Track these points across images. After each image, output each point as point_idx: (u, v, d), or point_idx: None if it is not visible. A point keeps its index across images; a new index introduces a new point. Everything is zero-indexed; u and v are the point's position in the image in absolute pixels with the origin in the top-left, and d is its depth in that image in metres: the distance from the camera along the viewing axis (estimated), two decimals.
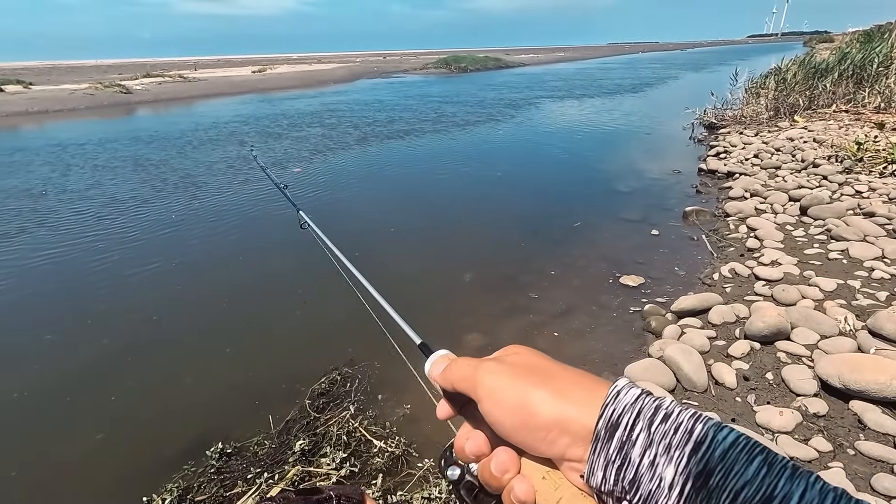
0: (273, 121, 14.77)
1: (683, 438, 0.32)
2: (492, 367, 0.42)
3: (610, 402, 0.36)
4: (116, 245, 5.45)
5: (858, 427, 2.29)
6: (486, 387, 0.41)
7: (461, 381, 0.44)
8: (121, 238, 5.67)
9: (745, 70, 12.33)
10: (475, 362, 0.44)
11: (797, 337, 2.93)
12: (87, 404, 3.08)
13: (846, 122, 8.39)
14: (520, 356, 0.44)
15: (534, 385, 0.39)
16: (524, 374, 0.40)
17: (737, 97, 11.43)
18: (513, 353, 0.45)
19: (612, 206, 6.19)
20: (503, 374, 0.41)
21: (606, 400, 0.36)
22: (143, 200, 7.07)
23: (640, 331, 3.52)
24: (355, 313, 3.94)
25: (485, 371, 0.42)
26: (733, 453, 0.31)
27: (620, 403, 0.35)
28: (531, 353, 0.44)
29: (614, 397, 0.36)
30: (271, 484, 2.34)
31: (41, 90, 22.63)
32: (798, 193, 5.35)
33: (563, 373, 0.40)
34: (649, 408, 0.34)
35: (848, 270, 3.72)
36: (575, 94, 20.46)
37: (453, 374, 0.45)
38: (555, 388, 0.39)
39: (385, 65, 48.99)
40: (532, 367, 0.41)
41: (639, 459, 0.33)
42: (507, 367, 0.42)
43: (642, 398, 0.35)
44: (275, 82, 30.31)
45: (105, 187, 7.81)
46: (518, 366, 0.42)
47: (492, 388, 0.41)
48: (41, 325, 3.94)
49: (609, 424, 0.35)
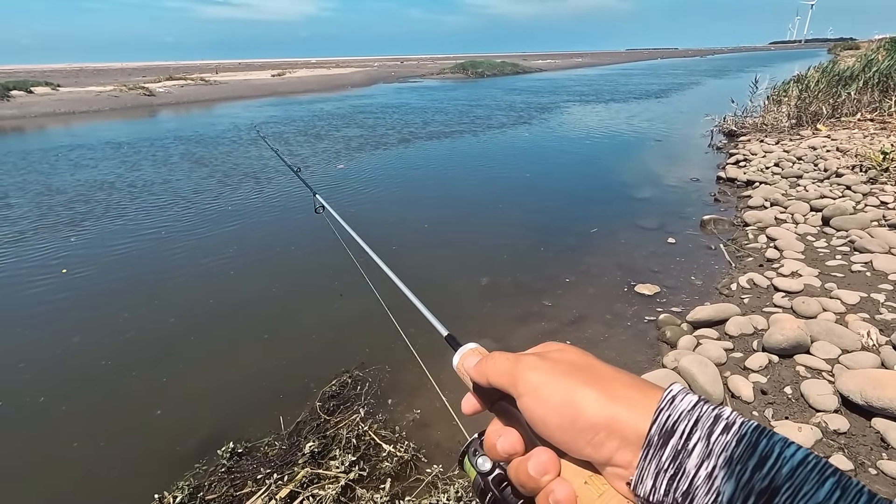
0: (308, 122, 15.17)
1: (747, 452, 0.30)
2: (534, 361, 0.41)
3: (665, 406, 0.34)
4: (177, 236, 5.85)
5: (881, 446, 2.22)
6: (529, 382, 0.39)
7: (498, 375, 0.42)
8: (180, 228, 6.09)
9: (767, 77, 12.14)
10: (514, 356, 0.43)
11: (817, 351, 2.86)
12: (100, 401, 3.13)
13: (871, 131, 8.20)
14: (564, 353, 0.42)
15: (582, 383, 0.37)
16: (570, 372, 0.39)
17: (757, 105, 11.25)
18: (556, 350, 0.43)
19: (628, 213, 6.13)
20: (547, 371, 0.39)
21: (661, 404, 0.34)
22: (203, 193, 7.54)
23: (655, 341, 3.47)
24: (370, 313, 3.98)
25: (527, 366, 0.40)
26: (802, 472, 0.28)
27: (676, 409, 0.33)
28: (576, 350, 0.42)
29: (669, 402, 0.34)
30: (281, 485, 2.35)
31: (68, 92, 23.26)
32: (820, 203, 5.24)
33: (612, 373, 0.39)
34: (708, 416, 0.33)
35: (871, 283, 3.62)
36: (602, 98, 20.59)
37: (489, 367, 0.44)
38: (604, 388, 0.37)
39: (402, 69, 49.34)
40: (578, 365, 0.40)
41: (695, 470, 0.31)
42: (552, 364, 0.40)
43: (700, 405, 0.33)
44: (294, 86, 30.72)
45: (171, 182, 8.34)
46: (563, 362, 0.40)
47: (535, 384, 0.39)
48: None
49: (663, 430, 0.33)
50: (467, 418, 2.69)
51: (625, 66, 58.63)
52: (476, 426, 0.46)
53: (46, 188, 8.09)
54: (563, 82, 31.48)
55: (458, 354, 0.51)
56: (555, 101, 19.61)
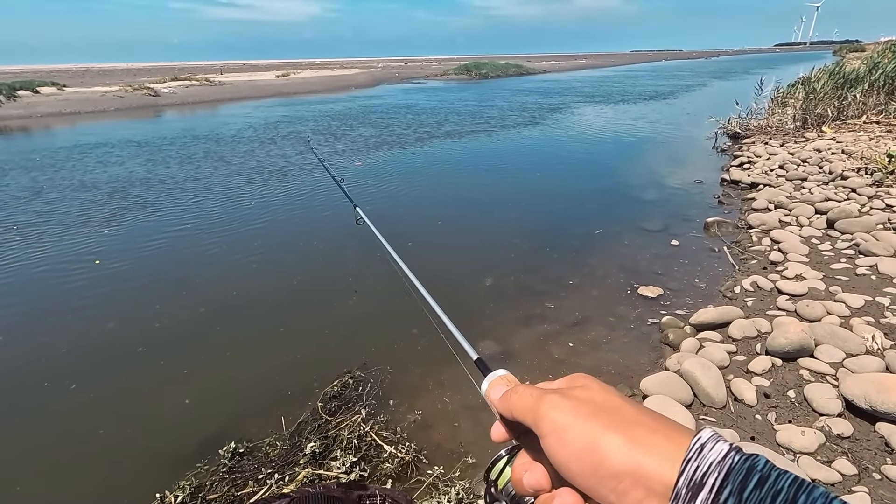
0: (321, 122, 15.41)
1: None
2: (557, 401, 0.39)
3: (693, 456, 0.32)
4: (206, 230, 6.04)
5: (885, 451, 2.21)
6: (551, 422, 0.38)
7: (522, 412, 0.42)
8: (209, 223, 6.32)
9: (772, 79, 12.11)
10: (538, 393, 0.42)
11: (821, 354, 2.84)
12: (103, 397, 3.15)
13: (877, 134, 8.15)
14: (588, 391, 0.40)
15: (606, 427, 0.36)
16: (594, 414, 0.37)
17: (762, 107, 11.21)
18: (580, 386, 0.41)
19: (632, 215, 6.11)
20: (570, 411, 0.38)
21: (689, 454, 0.32)
22: (232, 190, 7.79)
23: (658, 343, 3.46)
24: (372, 314, 3.98)
25: (549, 405, 0.39)
26: None
27: (705, 460, 0.31)
28: (601, 387, 0.41)
29: (697, 452, 0.32)
30: (281, 485, 2.35)
31: (74, 92, 23.40)
32: (825, 206, 5.21)
33: (638, 415, 0.37)
34: (740, 468, 0.30)
35: (877, 287, 3.60)
36: (611, 100, 20.78)
37: (513, 403, 0.43)
38: (629, 434, 0.35)
39: (406, 70, 49.40)
40: (603, 406, 0.38)
41: None
42: (575, 404, 0.39)
43: (731, 456, 0.31)
44: (298, 87, 30.81)
45: (200, 179, 8.56)
46: (587, 402, 0.39)
47: (557, 426, 0.38)
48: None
49: (691, 483, 0.31)
50: (467, 421, 2.68)
51: (629, 67, 58.56)
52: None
53: (80, 184, 8.38)
54: (571, 84, 31.61)
55: (486, 381, 0.51)
56: (564, 102, 19.74)
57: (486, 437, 1.91)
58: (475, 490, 2.34)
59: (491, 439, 0.47)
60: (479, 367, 0.56)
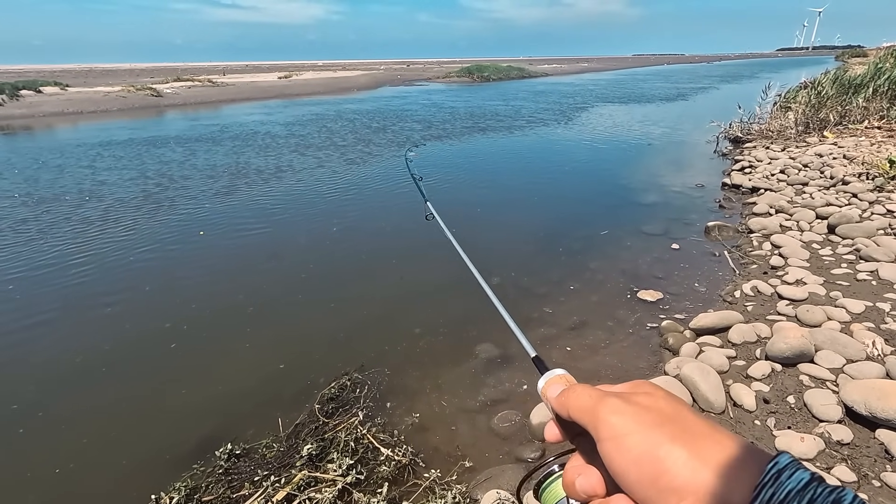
0: (353, 120, 16.05)
1: None
2: (617, 405, 0.38)
3: (769, 482, 0.29)
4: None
5: (885, 457, 2.19)
6: (611, 427, 0.36)
7: (580, 412, 0.40)
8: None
9: (777, 84, 12.14)
10: (597, 394, 0.40)
11: (821, 360, 2.82)
12: (98, 398, 3.14)
13: (878, 139, 8.14)
14: (652, 398, 0.38)
15: (671, 438, 0.34)
16: (658, 423, 0.35)
17: (765, 111, 11.19)
18: (644, 393, 0.39)
19: (633, 219, 6.10)
20: (632, 417, 0.36)
21: (764, 478, 0.29)
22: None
23: (657, 347, 3.45)
24: (371, 315, 3.97)
25: (609, 409, 0.38)
26: None
27: (783, 488, 0.29)
28: (667, 396, 0.39)
29: (774, 478, 0.29)
30: (278, 488, 2.34)
31: (77, 92, 23.48)
32: (826, 211, 5.20)
33: (706, 429, 0.35)
34: (823, 501, 0.27)
35: (877, 292, 3.58)
36: (623, 100, 21.38)
37: (571, 401, 0.42)
38: (695, 447, 0.33)
39: (408, 73, 49.48)
40: (667, 416, 0.36)
41: None
42: (637, 410, 0.37)
43: (814, 486, 0.28)
44: (300, 88, 30.88)
45: (287, 175, 8.93)
46: (651, 410, 0.37)
47: (617, 431, 0.36)
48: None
49: None
50: (464, 425, 2.65)
51: (633, 70, 58.62)
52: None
53: (180, 167, 9.48)
54: (586, 86, 32.29)
55: (543, 379, 0.51)
56: (581, 103, 20.35)
57: (484, 440, 1.92)
58: (472, 494, 2.33)
59: (546, 439, 0.46)
60: (536, 364, 0.56)
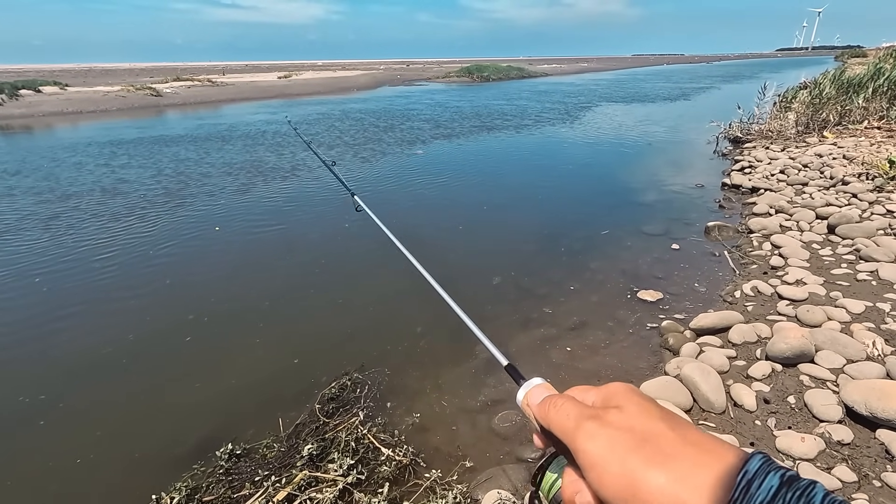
0: (360, 119, 16.21)
1: None
2: (594, 431, 0.38)
3: (739, 496, 0.29)
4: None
5: (886, 458, 2.19)
6: (589, 455, 0.37)
7: (560, 432, 0.41)
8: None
9: (774, 84, 12.14)
10: (575, 414, 0.40)
11: (822, 360, 2.83)
12: (98, 399, 3.14)
13: (878, 139, 8.14)
14: (624, 414, 0.38)
15: (645, 462, 0.34)
16: (634, 448, 0.35)
17: (764, 111, 11.20)
18: (615, 408, 0.39)
19: (633, 219, 6.10)
20: (607, 444, 0.36)
21: (734, 494, 0.30)
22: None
23: (657, 348, 3.45)
24: (370, 314, 3.97)
25: (586, 436, 0.38)
26: None
27: (753, 501, 0.29)
28: (639, 409, 0.39)
29: (744, 491, 0.29)
30: (278, 488, 2.34)
31: (76, 91, 23.45)
32: (826, 211, 5.20)
33: (680, 445, 0.35)
34: None
35: (877, 293, 3.59)
36: (625, 100, 21.56)
37: (552, 419, 0.42)
38: (671, 469, 0.33)
39: (408, 72, 49.46)
40: (642, 436, 0.36)
41: None
42: (612, 434, 0.37)
43: (783, 493, 0.28)
44: (300, 88, 30.85)
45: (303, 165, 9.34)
46: (625, 431, 0.37)
47: (595, 461, 0.36)
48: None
49: None
50: (465, 425, 2.64)
51: (634, 70, 58.61)
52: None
53: (197, 165, 9.75)
54: (587, 85, 32.45)
55: (522, 390, 0.49)
56: (585, 103, 20.51)
57: (484, 440, 1.91)
58: (472, 494, 2.33)
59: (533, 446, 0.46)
60: (510, 373, 0.52)
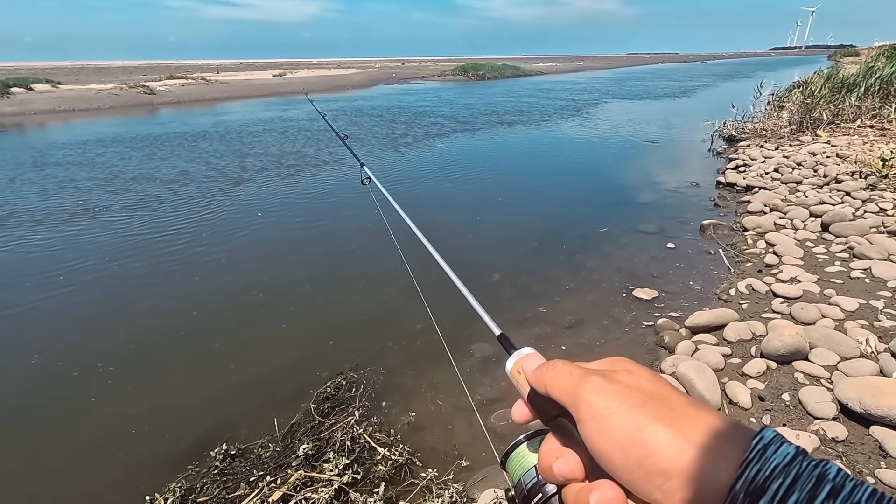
0: (377, 115, 16.47)
1: None
2: (601, 384, 0.36)
3: (754, 458, 0.29)
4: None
5: (879, 454, 2.20)
6: (593, 407, 0.35)
7: (560, 390, 0.38)
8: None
9: (771, 82, 12.22)
10: (578, 372, 0.39)
11: (816, 357, 2.84)
12: (91, 397, 3.11)
13: (871, 138, 8.20)
14: (633, 376, 0.37)
15: (655, 418, 0.33)
16: (643, 402, 0.34)
17: (759, 110, 11.24)
18: (624, 371, 0.38)
19: (628, 217, 6.11)
20: (615, 397, 0.35)
21: (749, 454, 0.29)
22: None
23: (653, 346, 3.45)
24: (369, 313, 3.95)
25: (592, 387, 0.36)
26: None
27: (769, 463, 0.28)
28: (649, 374, 0.38)
29: (760, 453, 0.29)
30: (273, 488, 2.33)
31: (68, 89, 23.24)
32: (819, 209, 5.23)
33: (688, 408, 0.34)
34: (809, 475, 0.27)
35: (870, 290, 3.61)
36: (629, 98, 21.99)
37: (550, 378, 0.40)
38: (681, 427, 0.32)
39: (403, 71, 49.37)
40: (650, 394, 0.35)
41: None
42: (619, 389, 0.36)
43: (799, 460, 0.28)
44: (295, 86, 30.71)
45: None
46: (634, 389, 0.36)
47: (600, 411, 0.35)
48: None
49: (751, 488, 0.28)
50: (461, 424, 2.63)
51: (630, 69, 58.66)
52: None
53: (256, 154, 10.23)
54: (590, 83, 32.94)
55: (513, 358, 0.48)
56: (593, 100, 20.87)
57: (480, 440, 1.89)
58: (469, 493, 2.33)
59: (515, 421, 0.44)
60: (502, 343, 0.53)
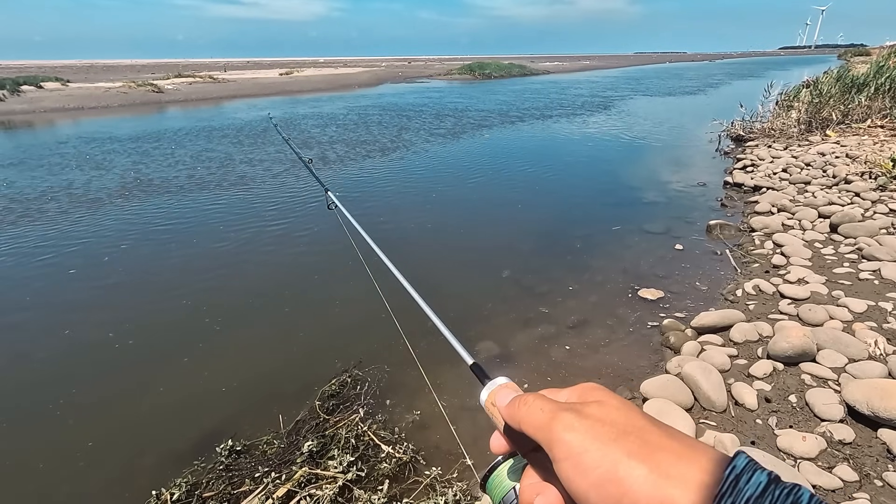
0: (396, 113, 16.80)
1: None
2: (573, 421, 0.36)
3: (727, 491, 0.28)
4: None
5: (887, 457, 2.18)
6: (568, 446, 0.35)
7: (533, 427, 0.38)
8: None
9: (781, 82, 12.12)
10: (550, 408, 0.38)
11: (823, 359, 2.82)
12: (99, 394, 3.14)
13: (881, 138, 8.11)
14: (605, 407, 0.37)
15: (627, 453, 0.33)
16: (615, 437, 0.34)
17: (767, 109, 11.15)
18: (595, 403, 0.38)
19: (635, 217, 6.09)
20: (587, 434, 0.35)
21: (722, 487, 0.29)
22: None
23: (658, 346, 3.44)
24: (370, 312, 3.97)
25: (565, 426, 0.36)
26: None
27: (742, 495, 0.28)
28: (620, 404, 0.37)
29: (732, 485, 0.28)
30: (278, 484, 2.34)
31: (77, 87, 23.44)
32: (828, 210, 5.18)
33: (663, 438, 0.33)
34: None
35: (879, 292, 3.57)
36: (646, 94, 22.64)
37: (523, 416, 0.40)
38: (655, 462, 0.32)
39: (409, 70, 49.39)
40: (622, 428, 0.35)
41: None
42: (592, 424, 0.35)
43: (771, 489, 0.28)
44: (302, 85, 30.82)
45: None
46: (606, 423, 0.35)
47: (574, 450, 0.34)
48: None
49: None
50: (465, 422, 2.63)
51: (638, 68, 58.40)
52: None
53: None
54: (602, 82, 33.24)
55: (486, 390, 0.47)
56: (614, 97, 20.76)
57: (485, 438, 1.88)
58: (472, 492, 2.33)
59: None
60: (475, 372, 0.50)
